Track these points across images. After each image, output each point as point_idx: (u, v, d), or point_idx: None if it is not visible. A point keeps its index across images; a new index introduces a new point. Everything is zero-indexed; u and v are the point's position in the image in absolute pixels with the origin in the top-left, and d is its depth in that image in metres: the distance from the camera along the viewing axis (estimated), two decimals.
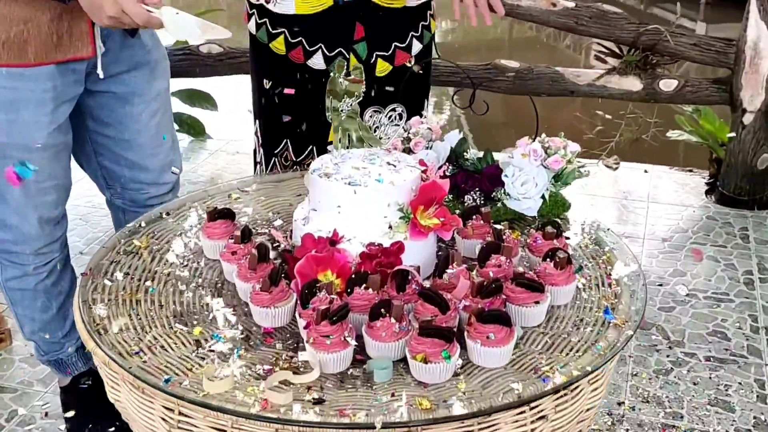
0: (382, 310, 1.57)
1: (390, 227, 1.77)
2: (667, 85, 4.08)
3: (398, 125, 1.87)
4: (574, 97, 4.24)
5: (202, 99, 4.76)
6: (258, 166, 2.65)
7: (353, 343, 1.55)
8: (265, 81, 2.52)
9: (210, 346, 1.62)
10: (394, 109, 1.83)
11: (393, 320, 1.56)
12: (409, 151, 2.13)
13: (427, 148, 2.12)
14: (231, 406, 1.45)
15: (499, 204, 2.06)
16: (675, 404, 2.77)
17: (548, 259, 1.76)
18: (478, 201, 2.05)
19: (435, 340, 1.51)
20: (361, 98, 1.75)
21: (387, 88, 2.20)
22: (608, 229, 2.05)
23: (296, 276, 1.70)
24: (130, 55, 2.28)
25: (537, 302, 1.67)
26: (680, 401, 2.78)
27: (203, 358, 1.59)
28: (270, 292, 1.66)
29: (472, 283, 1.65)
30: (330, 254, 1.74)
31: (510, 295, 1.67)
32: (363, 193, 1.74)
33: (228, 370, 1.54)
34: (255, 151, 2.67)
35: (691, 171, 4.51)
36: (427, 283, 1.66)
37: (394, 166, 1.82)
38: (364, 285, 1.65)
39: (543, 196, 2.05)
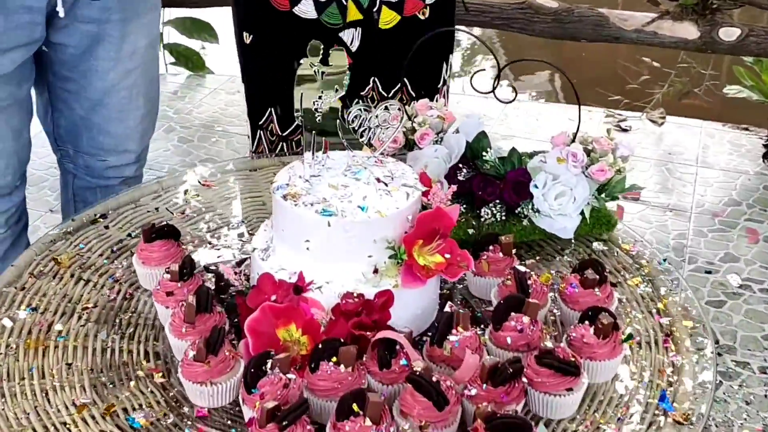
0: (354, 405, 1.13)
1: (375, 271, 1.32)
2: (728, 34, 3.53)
3: (393, 126, 1.39)
4: (618, 43, 3.70)
5: (202, 29, 4.25)
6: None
7: None
8: (245, 34, 2.05)
9: None
10: (386, 108, 1.36)
11: (368, 422, 1.12)
12: (413, 145, 1.66)
13: (435, 142, 1.66)
14: None
15: (525, 221, 1.60)
16: (723, 430, 2.34)
17: (587, 322, 1.31)
18: (497, 216, 1.59)
19: None
20: (344, 92, 1.29)
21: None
22: (665, 260, 1.59)
23: (247, 334, 1.27)
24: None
25: (569, 389, 1.22)
26: (729, 426, 2.35)
27: None
28: (207, 363, 1.22)
29: (482, 364, 1.20)
30: (294, 304, 1.30)
31: (533, 379, 1.22)
32: (339, 226, 1.29)
33: None
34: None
35: (747, 130, 3.98)
36: (419, 363, 1.20)
37: (386, 185, 1.36)
38: (333, 358, 1.21)
39: (582, 213, 1.59)
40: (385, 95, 2.02)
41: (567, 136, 1.63)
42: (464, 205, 1.62)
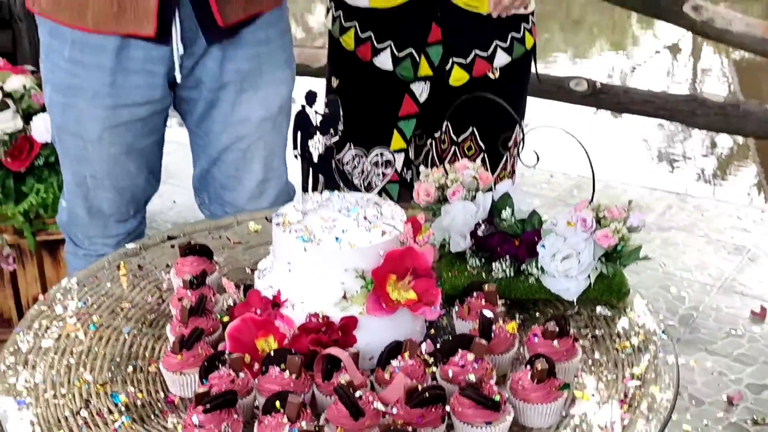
0: (277, 403, 1.28)
1: (345, 296, 1.46)
2: None
3: (385, 173, 1.54)
4: None
5: None
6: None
7: None
8: (333, 79, 2.29)
9: (99, 408, 1.41)
10: (381, 154, 1.52)
11: (285, 419, 1.26)
12: (444, 199, 1.79)
13: (466, 198, 1.78)
14: None
15: (532, 279, 1.67)
16: None
17: (528, 366, 1.38)
18: (508, 272, 1.68)
19: None
20: (338, 136, 1.46)
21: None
22: (663, 332, 1.60)
23: (226, 338, 1.45)
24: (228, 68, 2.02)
25: (488, 422, 1.30)
26: None
27: (86, 424, 1.38)
28: (180, 355, 1.42)
29: (403, 385, 1.31)
30: (273, 318, 1.47)
31: (456, 408, 1.31)
32: (314, 252, 1.45)
33: None
34: None
35: None
36: (346, 377, 1.33)
37: (370, 222, 1.50)
38: (281, 365, 1.36)
39: (589, 277, 1.65)
40: (455, 139, 2.18)
41: (588, 204, 1.70)
42: (482, 259, 1.72)
